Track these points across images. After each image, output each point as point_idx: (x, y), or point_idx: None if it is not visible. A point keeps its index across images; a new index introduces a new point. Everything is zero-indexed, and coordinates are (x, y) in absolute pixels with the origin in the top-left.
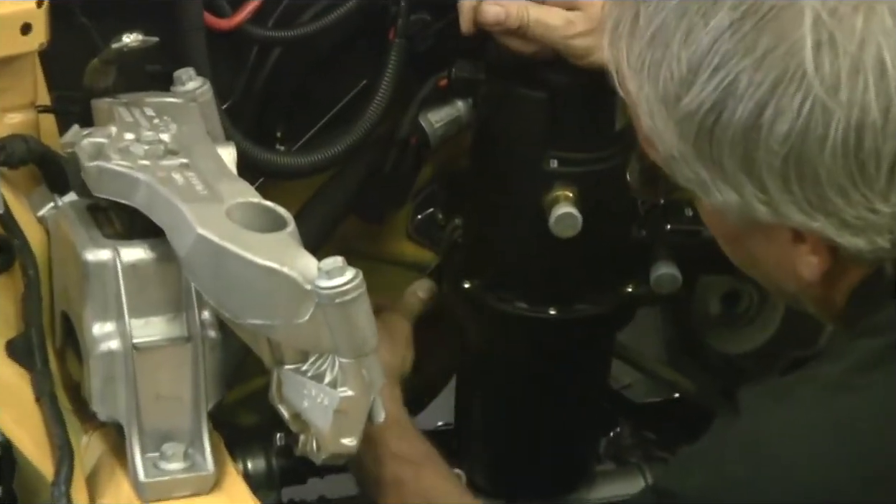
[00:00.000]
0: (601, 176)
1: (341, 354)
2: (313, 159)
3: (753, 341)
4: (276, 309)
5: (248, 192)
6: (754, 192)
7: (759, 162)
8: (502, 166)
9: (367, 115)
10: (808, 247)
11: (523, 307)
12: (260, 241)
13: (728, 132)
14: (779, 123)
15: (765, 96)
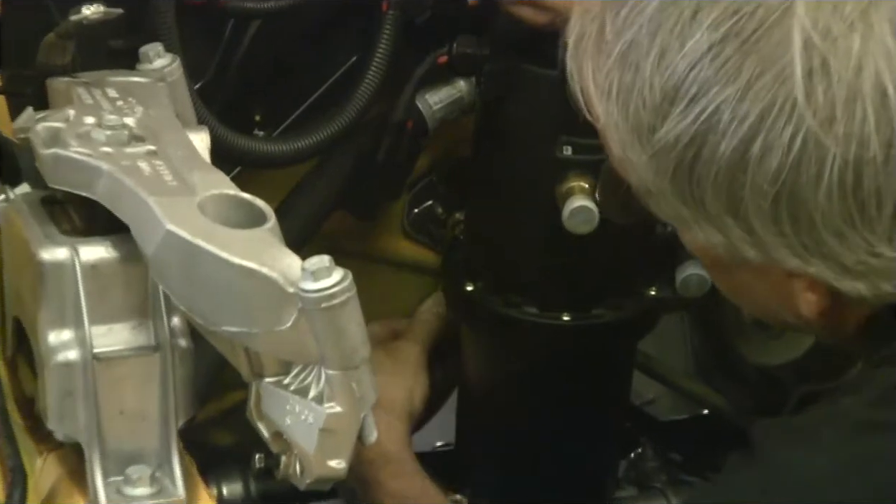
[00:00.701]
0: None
1: (328, 366)
2: (296, 146)
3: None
4: (254, 314)
5: (224, 183)
6: (742, 234)
7: (747, 203)
8: (509, 154)
9: (357, 97)
10: (804, 283)
11: (533, 312)
12: (237, 238)
13: (710, 170)
14: (767, 160)
15: (751, 130)
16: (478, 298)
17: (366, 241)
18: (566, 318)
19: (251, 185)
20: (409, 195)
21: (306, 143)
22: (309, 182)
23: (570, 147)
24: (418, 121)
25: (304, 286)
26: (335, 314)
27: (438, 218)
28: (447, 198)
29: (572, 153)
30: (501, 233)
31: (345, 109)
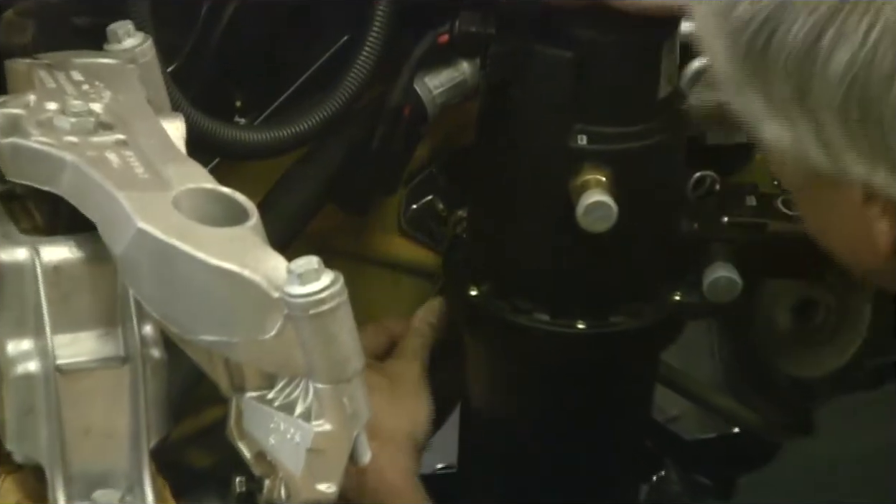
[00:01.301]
0: (641, 155)
1: (317, 379)
2: (281, 135)
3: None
4: (235, 322)
5: (201, 175)
6: (809, 130)
7: (815, 94)
8: (518, 143)
9: (349, 80)
10: (878, 209)
11: (544, 319)
12: (215, 237)
13: (781, 55)
14: (839, 51)
15: (825, 16)
16: (482, 304)
17: (358, 240)
18: (580, 326)
19: (231, 178)
20: (406, 189)
21: (292, 131)
22: (295, 175)
23: (584, 136)
24: (416, 107)
25: (289, 290)
26: (325, 321)
27: (439, 214)
28: (448, 192)
29: (587, 143)
30: (509, 231)
31: (335, 94)
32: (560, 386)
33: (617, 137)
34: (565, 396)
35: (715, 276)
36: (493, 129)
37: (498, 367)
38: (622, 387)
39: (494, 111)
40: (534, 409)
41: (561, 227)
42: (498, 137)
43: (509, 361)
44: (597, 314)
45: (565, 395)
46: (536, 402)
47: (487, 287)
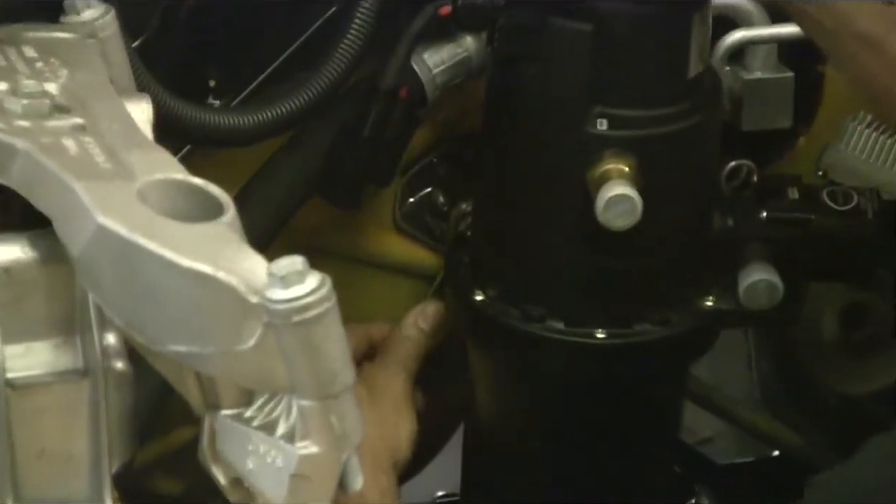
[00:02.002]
0: (669, 142)
1: (301, 395)
2: (261, 119)
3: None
4: (208, 331)
5: (170, 164)
6: None
7: None
8: (529, 129)
9: (337, 57)
10: None
11: (559, 328)
12: (186, 234)
13: None
14: None
15: None
16: (489, 310)
17: (348, 238)
18: (600, 336)
19: (205, 167)
20: (402, 180)
21: (273, 115)
22: (277, 164)
23: (605, 120)
24: (414, 87)
25: (270, 295)
26: (310, 330)
27: (439, 209)
28: (450, 184)
29: (608, 128)
30: (519, 228)
31: (321, 73)
32: (576, 403)
33: (641, 122)
34: (582, 415)
35: (752, 279)
36: (500, 113)
37: (505, 383)
38: (647, 404)
39: (502, 92)
40: (546, 430)
41: (578, 224)
42: (506, 122)
43: (518, 375)
44: (618, 322)
45: (582, 413)
46: (549, 422)
47: (494, 291)
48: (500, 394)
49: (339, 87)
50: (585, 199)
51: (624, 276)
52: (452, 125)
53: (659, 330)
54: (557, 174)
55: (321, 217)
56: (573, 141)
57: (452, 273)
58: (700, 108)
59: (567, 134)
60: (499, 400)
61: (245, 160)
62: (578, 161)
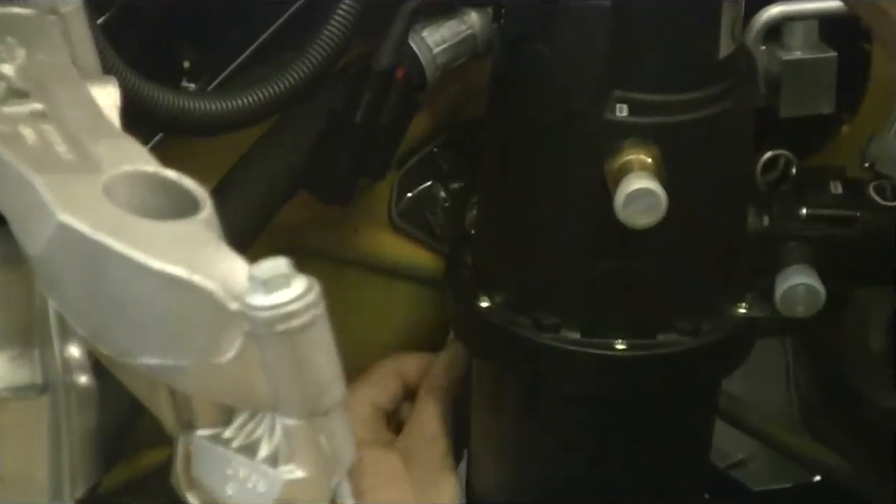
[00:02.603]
0: (697, 130)
1: (286, 413)
2: (241, 104)
3: None
4: (182, 341)
5: (139, 156)
6: None
7: None
8: (540, 115)
9: (326, 36)
10: None
11: (574, 339)
12: (158, 233)
13: None
14: None
15: None
16: (495, 319)
17: (338, 238)
18: (620, 347)
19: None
20: (398, 173)
21: (255, 99)
22: (259, 155)
23: (625, 106)
24: (412, 68)
25: (251, 301)
26: (296, 341)
27: (440, 205)
28: (452, 177)
29: (629, 114)
30: (528, 226)
31: (308, 53)
32: (594, 423)
33: (665, 107)
34: (601, 437)
35: (791, 283)
36: (508, 98)
37: (514, 400)
38: (673, 424)
39: (511, 75)
40: (560, 454)
41: (595, 222)
42: (515, 108)
43: (528, 392)
44: (640, 332)
45: (601, 434)
46: (563, 445)
47: (501, 297)
48: (507, 412)
49: (328, 68)
50: (603, 193)
51: (647, 281)
52: (455, 110)
53: (686, 340)
54: (572, 166)
55: (308, 214)
56: (590, 129)
57: (453, 276)
58: (732, 91)
59: (583, 121)
60: (506, 419)
61: (223, 150)
62: (595, 151)
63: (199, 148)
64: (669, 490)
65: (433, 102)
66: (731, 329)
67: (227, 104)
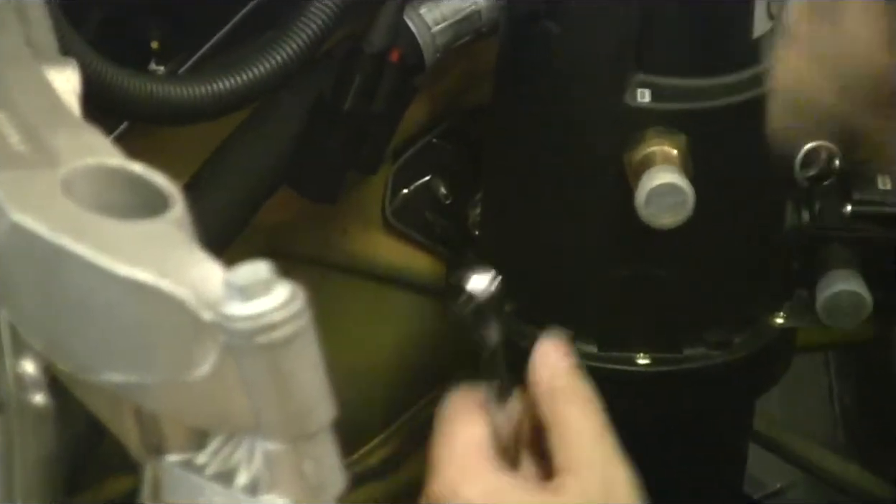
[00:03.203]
0: (728, 118)
1: (268, 436)
2: (216, 89)
3: None
4: (150, 355)
5: (102, 147)
6: None
7: None
8: (552, 102)
9: (311, 13)
10: None
11: (591, 353)
12: (123, 234)
13: None
14: None
15: None
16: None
17: (325, 240)
18: (642, 362)
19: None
20: (393, 167)
21: (231, 84)
22: (236, 146)
23: (648, 91)
24: (409, 49)
25: (228, 310)
26: (278, 355)
27: (440, 202)
28: (454, 171)
29: (652, 100)
30: (539, 227)
31: (291, 32)
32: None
33: (693, 93)
34: None
35: (833, 290)
36: (516, 83)
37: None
38: (702, 449)
39: (519, 56)
40: None
41: (614, 222)
42: (524, 94)
43: None
44: (665, 345)
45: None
46: None
47: (509, 306)
48: None
49: (315, 49)
50: (623, 189)
51: (671, 287)
52: (457, 96)
53: (716, 355)
54: (587, 159)
55: (291, 213)
56: (607, 117)
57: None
58: (766, 76)
59: (600, 108)
60: None
61: (197, 141)
62: (614, 142)
63: (169, 138)
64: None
65: (432, 87)
66: (766, 342)
67: (200, 89)
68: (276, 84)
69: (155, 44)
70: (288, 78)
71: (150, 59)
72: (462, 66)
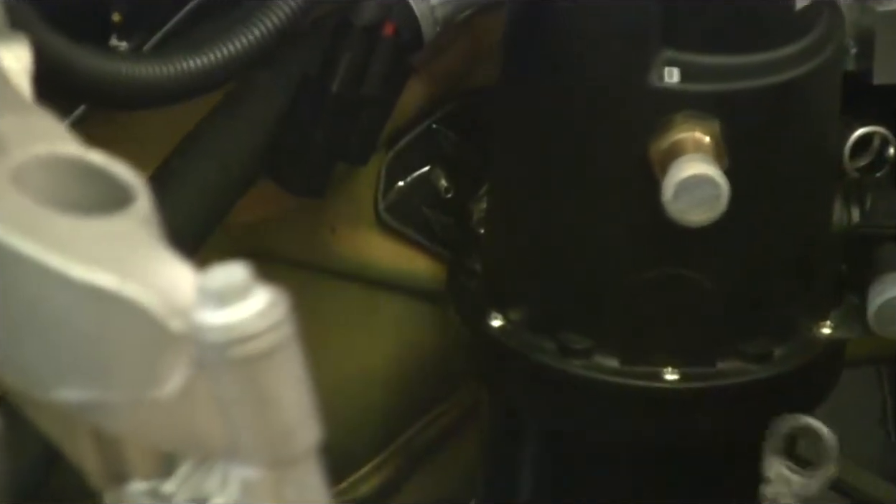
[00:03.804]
0: (767, 101)
1: (245, 461)
2: (185, 68)
3: None
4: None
5: (57, 134)
6: None
7: None
8: (567, 83)
9: None
10: None
11: (612, 368)
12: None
13: None
14: None
15: None
16: (510, 341)
17: (311, 239)
18: (670, 378)
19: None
20: (387, 156)
21: (203, 62)
22: (209, 133)
23: (676, 70)
24: (404, 23)
25: (200, 319)
26: (257, 370)
27: (440, 197)
28: (456, 161)
29: (681, 80)
30: (553, 225)
31: (271, 4)
32: (634, 475)
33: (728, 72)
34: (643, 492)
35: (887, 295)
36: (526, 61)
37: (533, 446)
38: (738, 476)
39: (529, 31)
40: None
41: (637, 218)
42: (534, 74)
43: (552, 437)
44: (696, 358)
45: (643, 489)
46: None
47: (518, 314)
48: (523, 462)
49: (297, 23)
50: (649, 182)
51: (703, 293)
52: (459, 77)
53: (754, 369)
54: (608, 147)
55: (272, 209)
56: (631, 99)
57: (457, 287)
58: (812, 52)
59: (622, 89)
60: (521, 471)
61: (164, 128)
62: (639, 128)
63: (132, 124)
64: None
65: (431, 66)
66: (811, 355)
67: (167, 69)
68: (254, 62)
69: (117, 16)
70: (267, 55)
71: (111, 34)
72: (465, 42)
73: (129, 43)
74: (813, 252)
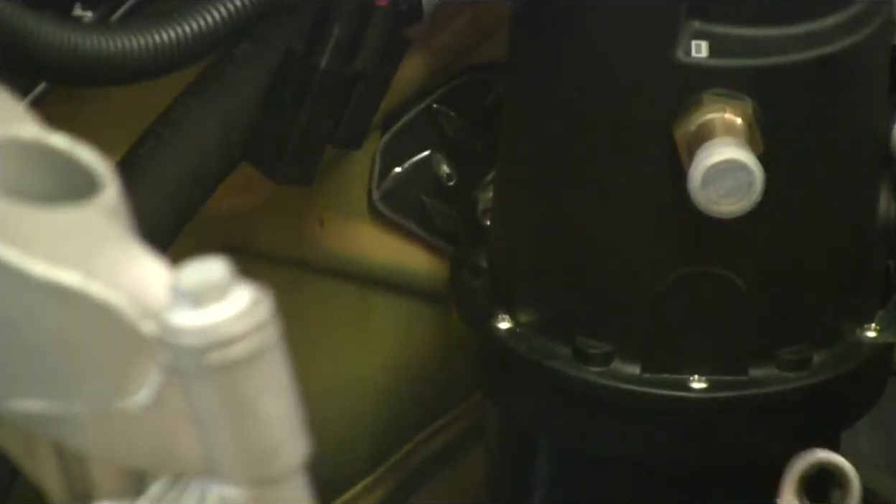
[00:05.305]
0: (806, 79)
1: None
2: (156, 42)
3: None
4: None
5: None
6: None
7: None
8: (583, 59)
9: None
10: None
11: (632, 375)
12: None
13: None
14: None
15: None
16: (520, 346)
17: (296, 232)
18: (698, 387)
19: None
20: (382, 140)
21: (176, 35)
22: (183, 114)
23: (705, 43)
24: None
25: (174, 321)
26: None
27: (441, 184)
28: (458, 144)
29: (710, 55)
30: (566, 217)
31: None
32: (658, 493)
33: (762, 46)
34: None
35: None
36: (539, 34)
37: (544, 461)
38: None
39: (544, 3)
40: None
41: (662, 209)
42: (549, 49)
43: (566, 449)
44: (727, 365)
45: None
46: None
47: (529, 316)
48: (534, 479)
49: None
50: (674, 168)
51: (735, 293)
52: (462, 52)
53: (791, 377)
54: (629, 130)
55: (253, 198)
56: (654, 76)
57: (461, 286)
58: (856, 24)
59: (644, 65)
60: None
61: (133, 107)
62: (663, 108)
63: (98, 103)
64: None
65: (431, 39)
66: (854, 361)
67: (137, 41)
68: (233, 35)
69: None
70: (248, 27)
71: (75, 3)
72: (468, 14)
73: (94, 13)
74: (857, 247)
